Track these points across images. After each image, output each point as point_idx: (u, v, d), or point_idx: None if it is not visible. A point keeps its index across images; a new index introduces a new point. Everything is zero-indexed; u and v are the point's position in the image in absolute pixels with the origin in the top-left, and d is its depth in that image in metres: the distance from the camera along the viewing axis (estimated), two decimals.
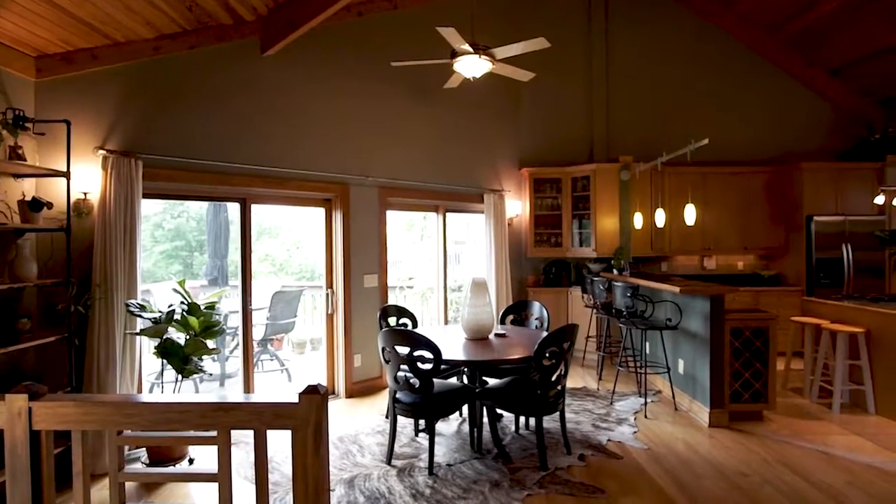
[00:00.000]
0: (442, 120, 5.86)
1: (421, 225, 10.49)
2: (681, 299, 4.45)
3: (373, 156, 5.17)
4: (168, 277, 7.90)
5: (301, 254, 9.91)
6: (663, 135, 6.57)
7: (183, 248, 8.45)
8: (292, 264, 9.95)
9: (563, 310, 6.40)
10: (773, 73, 6.97)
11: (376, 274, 5.20)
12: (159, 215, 7.94)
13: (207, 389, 5.38)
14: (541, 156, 6.79)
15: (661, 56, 6.94)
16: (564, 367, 3.37)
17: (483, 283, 3.87)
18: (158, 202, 7.70)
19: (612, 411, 4.45)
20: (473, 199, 6.18)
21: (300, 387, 1.80)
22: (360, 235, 5.07)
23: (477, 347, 3.61)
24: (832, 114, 7.04)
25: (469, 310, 3.81)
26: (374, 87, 5.19)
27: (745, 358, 4.17)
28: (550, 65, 6.72)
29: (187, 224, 8.74)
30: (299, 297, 5.91)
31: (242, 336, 4.36)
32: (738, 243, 6.66)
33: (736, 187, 6.60)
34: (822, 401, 4.64)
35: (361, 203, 5.08)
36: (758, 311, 4.34)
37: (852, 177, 6.38)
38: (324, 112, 4.80)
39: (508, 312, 4.63)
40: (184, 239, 8.48)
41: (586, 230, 6.53)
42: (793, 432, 3.94)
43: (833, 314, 4.80)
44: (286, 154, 4.51)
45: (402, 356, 3.23)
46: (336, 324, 4.98)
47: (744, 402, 4.17)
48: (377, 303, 5.17)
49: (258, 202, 4.47)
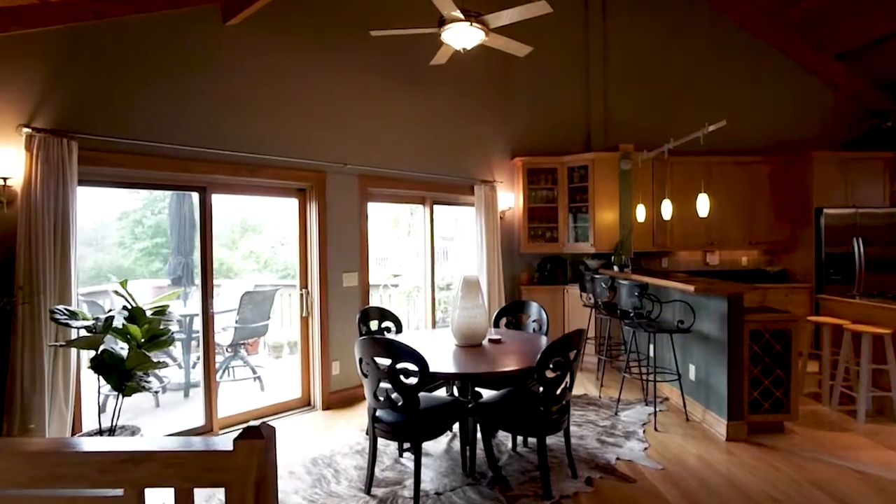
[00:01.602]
0: (429, 104, 5.38)
1: (408, 221, 10.09)
2: (693, 299, 4.04)
3: (352, 142, 4.67)
4: (148, 276, 7.55)
5: (287, 251, 9.48)
6: (664, 122, 6.16)
7: (164, 246, 8.09)
8: (277, 261, 9.52)
9: (559, 309, 5.97)
10: (779, 58, 6.59)
11: (356, 272, 4.71)
12: (139, 211, 7.61)
13: (170, 402, 4.86)
14: (535, 144, 6.34)
15: (662, 40, 6.52)
16: (570, 378, 2.93)
17: (475, 282, 3.41)
18: (139, 196, 7.31)
19: (617, 423, 4.02)
20: (463, 190, 5.72)
21: (274, 396, 1.29)
22: (338, 229, 4.57)
23: (469, 356, 3.15)
24: (840, 102, 6.69)
25: (460, 313, 3.35)
26: (355, 66, 4.69)
27: (764, 363, 3.77)
28: (545, 47, 6.26)
29: (169, 220, 8.55)
30: (273, 298, 5.40)
31: (203, 343, 3.85)
32: (744, 238, 6.29)
33: (741, 178, 6.22)
34: (843, 408, 4.27)
35: (340, 193, 4.59)
36: (778, 312, 3.94)
37: (863, 167, 6.03)
38: (296, 91, 4.29)
39: (503, 314, 4.19)
40: (165, 236, 8.11)
41: (584, 224, 6.10)
42: (819, 446, 3.55)
43: (854, 313, 4.42)
44: (253, 138, 3.99)
45: (382, 369, 2.77)
46: (312, 327, 4.49)
47: (763, 413, 3.77)
48: (357, 304, 4.69)
49: (221, 192, 3.96)
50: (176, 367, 5.34)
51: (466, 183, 5.73)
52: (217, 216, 9.56)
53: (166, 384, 5.03)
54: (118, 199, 7.34)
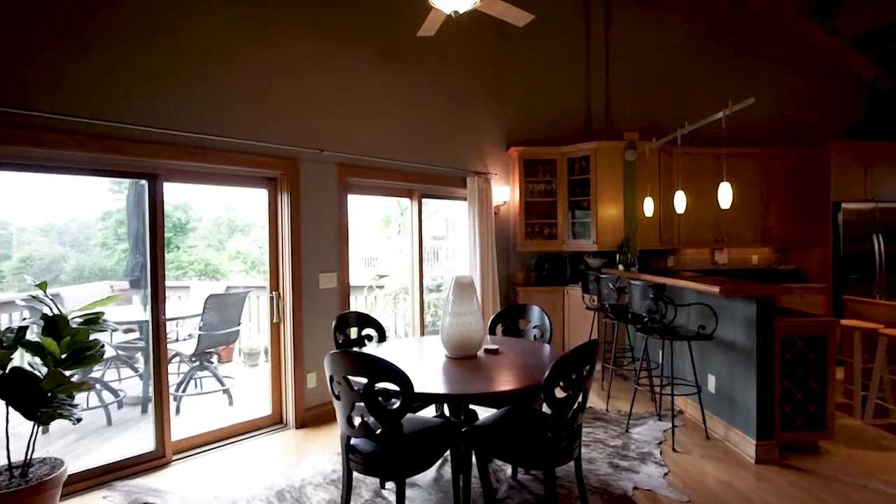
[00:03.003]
0: (417, 88, 4.88)
1: (398, 220, 9.65)
2: (714, 301, 3.58)
3: (331, 126, 4.17)
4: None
5: None
6: (670, 110, 5.72)
7: None
8: (265, 262, 9.11)
9: (558, 312, 5.50)
10: (792, 45, 6.18)
11: (335, 272, 4.20)
12: (122, 212, 7.17)
13: (127, 418, 4.31)
14: (532, 133, 5.86)
15: (668, 23, 6.08)
16: (583, 398, 2.45)
17: (469, 283, 2.92)
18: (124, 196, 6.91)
19: (629, 442, 3.55)
20: (454, 182, 5.22)
21: (243, 411, 0.81)
22: (314, 224, 4.06)
23: (462, 371, 2.66)
24: (857, 90, 6.29)
25: (451, 319, 2.86)
26: (335, 41, 4.18)
27: (796, 374, 3.32)
28: (543, 28, 5.79)
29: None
30: (243, 301, 4.87)
31: (152, 355, 3.32)
32: (755, 234, 5.87)
33: (753, 171, 5.80)
34: (878, 421, 3.84)
35: (316, 184, 4.08)
36: (811, 315, 3.50)
37: (882, 158, 5.62)
38: (265, 67, 3.77)
39: (499, 320, 3.70)
40: None
41: (585, 220, 5.64)
42: (863, 470, 3.10)
43: (886, 316, 4.00)
44: (214, 118, 3.47)
45: (356, 390, 2.27)
46: (283, 335, 3.97)
47: (796, 430, 3.32)
48: (336, 307, 4.18)
49: (175, 180, 3.43)
50: (138, 376, 4.81)
51: (458, 174, 5.23)
52: (204, 215, 8.89)
53: (122, 398, 4.49)
54: (102, 199, 6.97)
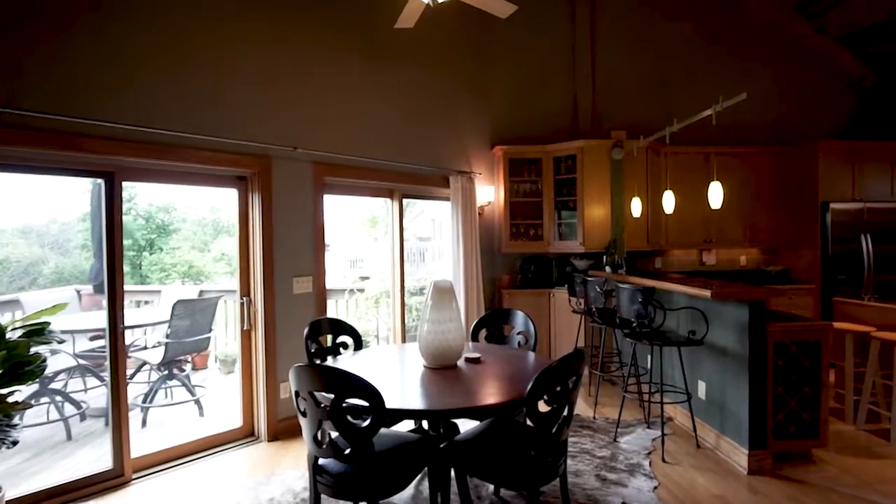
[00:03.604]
0: (398, 84, 4.70)
1: (386, 220, 9.49)
2: (704, 305, 3.45)
3: (305, 123, 3.97)
4: None
5: None
6: (657, 108, 5.62)
7: (130, 248, 7.73)
8: None
9: (544, 316, 5.35)
10: (781, 43, 6.11)
11: (310, 276, 4.00)
12: (103, 213, 6.95)
13: (90, 431, 4.07)
14: (517, 131, 5.71)
15: (654, 20, 5.97)
16: (569, 411, 2.29)
17: (448, 288, 2.75)
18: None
19: (618, 452, 3.41)
20: (437, 182, 5.05)
21: (214, 423, 0.63)
22: (288, 226, 3.86)
23: (440, 383, 2.49)
24: (845, 89, 6.24)
25: (430, 327, 2.69)
26: (310, 34, 3.99)
27: (790, 380, 3.20)
28: (529, 25, 5.66)
29: (135, 222, 8.12)
30: (215, 307, 4.64)
31: (110, 366, 3.09)
32: (744, 235, 5.78)
33: (742, 170, 5.70)
34: (870, 427, 3.74)
35: (289, 183, 3.87)
36: (804, 320, 3.38)
37: (871, 158, 5.57)
38: (235, 59, 3.56)
39: (482, 325, 3.53)
40: (130, 237, 7.77)
41: (571, 220, 5.50)
42: (858, 480, 2.99)
43: (878, 319, 3.90)
44: (177, 112, 3.25)
45: (323, 407, 2.08)
46: (255, 343, 3.76)
47: (789, 439, 3.20)
48: (312, 313, 3.98)
49: (134, 178, 3.22)
50: (103, 386, 4.56)
51: (441, 174, 5.06)
52: (188, 216, 8.64)
53: (85, 410, 4.25)
54: (82, 199, 6.76)
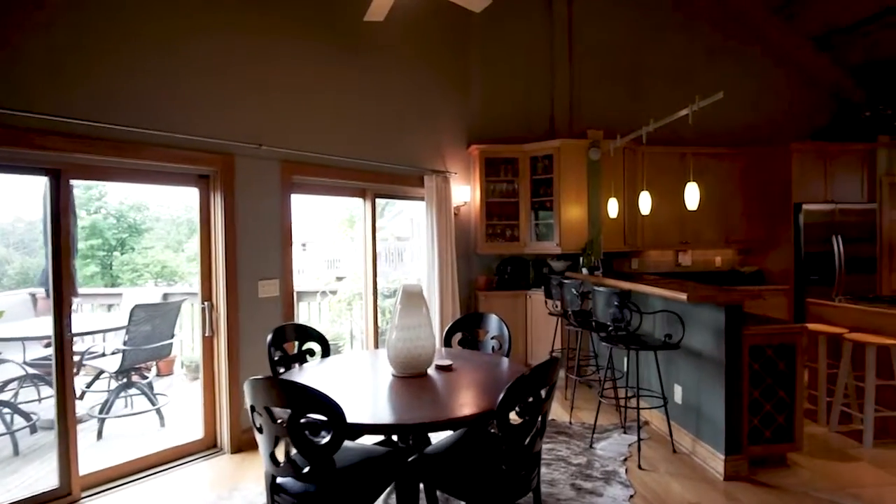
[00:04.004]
0: (372, 81, 4.55)
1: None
2: (681, 308, 3.40)
3: (272, 119, 3.80)
4: (83, 282, 6.82)
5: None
6: (634, 109, 5.58)
7: (100, 248, 7.45)
8: None
9: (520, 318, 5.27)
10: (755, 45, 6.15)
11: (277, 279, 3.83)
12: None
13: (40, 445, 3.82)
14: (494, 130, 5.62)
15: (631, 22, 5.94)
16: (542, 422, 2.19)
17: (418, 293, 2.62)
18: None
19: (594, 459, 3.33)
20: (411, 181, 4.92)
21: (175, 434, 0.47)
22: (253, 227, 3.68)
23: (409, 393, 2.36)
24: (817, 92, 6.30)
25: (398, 334, 2.56)
26: (277, 25, 3.82)
27: (766, 384, 3.16)
28: (506, 23, 5.58)
29: (105, 221, 7.82)
30: (178, 311, 4.43)
31: (56, 376, 2.89)
32: (719, 236, 5.79)
33: (717, 171, 5.71)
34: (842, 428, 3.75)
35: (254, 182, 3.70)
36: (780, 322, 3.35)
37: (841, 160, 5.63)
38: (195, 49, 3.37)
39: (456, 329, 3.41)
40: (101, 237, 7.46)
41: (548, 221, 5.43)
42: (833, 484, 2.97)
43: (850, 320, 3.91)
44: (131, 106, 3.06)
45: (280, 423, 1.94)
46: (217, 350, 3.58)
47: (765, 443, 3.16)
48: (279, 318, 3.81)
49: (84, 177, 3.01)
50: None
51: (415, 173, 4.93)
52: (161, 215, 8.31)
53: (35, 422, 4.00)
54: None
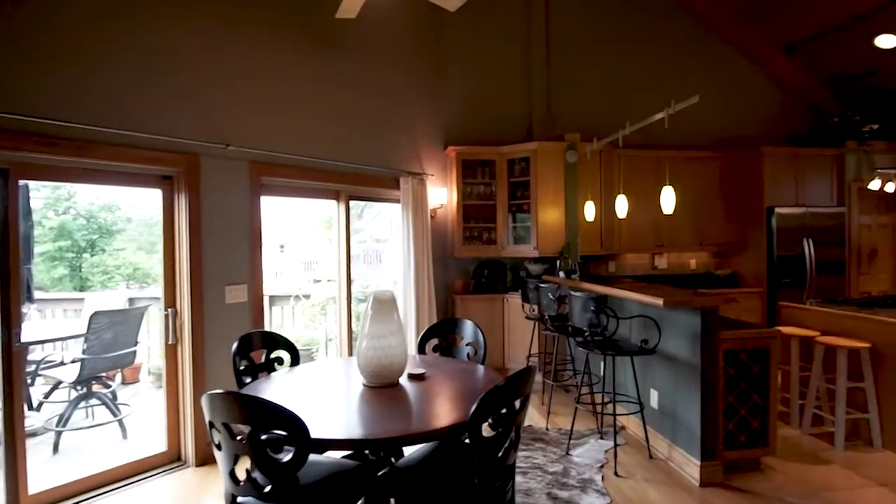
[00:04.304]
0: (346, 80, 4.44)
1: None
2: (656, 313, 3.38)
3: (240, 118, 3.66)
4: (50, 285, 6.67)
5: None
6: (611, 112, 5.54)
7: (69, 249, 7.27)
8: None
9: (498, 322, 5.22)
10: (727, 49, 6.22)
11: (245, 284, 3.69)
12: (39, 212, 6.66)
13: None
14: (471, 132, 5.56)
15: (609, 24, 5.95)
16: (516, 434, 2.12)
17: (389, 300, 2.53)
18: (39, 195, 6.28)
19: (570, 467, 3.28)
20: (386, 183, 4.82)
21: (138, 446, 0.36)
22: (219, 230, 3.54)
23: (379, 405, 2.27)
24: (788, 96, 6.41)
25: (369, 342, 2.46)
26: (246, 21, 3.68)
27: (740, 389, 3.16)
28: (483, 24, 5.53)
29: (75, 222, 7.64)
30: (141, 318, 4.25)
31: (3, 389, 2.71)
32: (694, 239, 5.83)
33: (693, 174, 5.75)
34: (814, 430, 3.78)
35: (221, 184, 3.56)
36: (754, 327, 3.36)
37: (812, 164, 5.73)
38: (160, 44, 3.22)
39: (430, 335, 3.32)
40: (70, 238, 7.29)
41: (525, 224, 5.39)
42: (807, 488, 2.97)
43: (822, 323, 3.95)
44: (89, 102, 2.89)
45: (240, 440, 1.83)
46: (181, 358, 3.43)
47: (739, 448, 3.16)
48: (247, 324, 3.68)
49: (36, 177, 2.84)
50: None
51: (390, 175, 4.84)
52: (133, 216, 8.02)
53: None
54: None
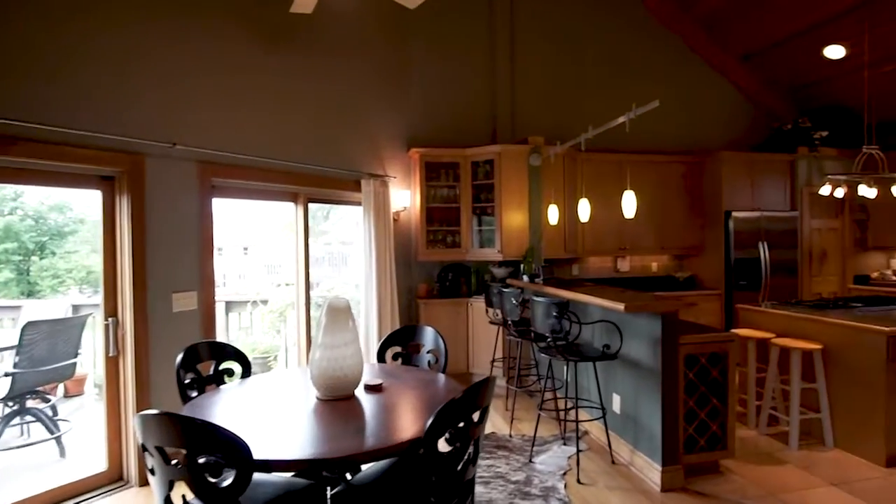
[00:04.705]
0: (303, 79, 4.29)
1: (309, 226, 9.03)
2: (617, 317, 3.37)
3: (188, 115, 3.47)
4: None
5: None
6: (575, 116, 5.55)
7: (16, 252, 6.70)
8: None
9: (462, 327, 5.14)
10: (691, 56, 6.34)
11: (195, 291, 3.50)
12: None
13: None
14: (435, 134, 5.48)
15: (573, 28, 5.98)
16: (474, 448, 2.04)
17: (344, 309, 2.41)
18: None
19: (533, 475, 3.23)
20: (347, 185, 4.69)
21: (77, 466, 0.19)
22: (166, 234, 3.34)
23: (331, 419, 2.15)
24: (745, 103, 6.58)
25: (322, 353, 2.34)
26: (194, 11, 3.50)
27: (700, 393, 3.18)
28: (447, 27, 5.47)
29: (22, 223, 7.01)
30: (82, 327, 3.98)
31: None
32: (656, 242, 5.91)
33: (654, 179, 5.83)
34: (770, 430, 3.85)
35: (168, 184, 3.36)
36: (712, 331, 3.39)
37: (767, 169, 5.90)
38: (97, 35, 3.01)
39: (390, 343, 3.21)
40: (17, 240, 6.70)
41: (490, 227, 5.34)
42: (764, 490, 3.00)
43: (777, 325, 4.04)
44: (20, 98, 2.67)
45: (175, 465, 1.68)
46: (124, 371, 3.21)
47: (699, 452, 3.17)
48: (197, 334, 3.48)
49: None
50: None
51: (351, 177, 4.71)
52: (86, 216, 7.64)
53: None
54: None
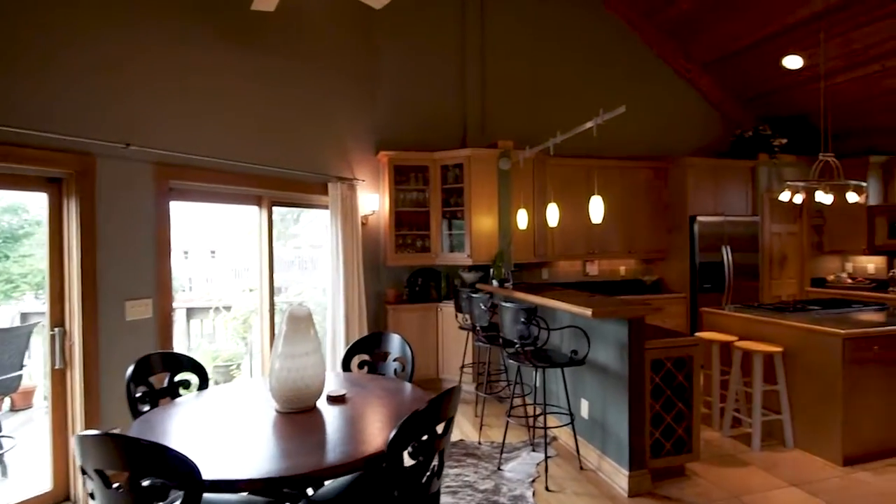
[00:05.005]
0: (267, 79, 4.17)
1: (279, 229, 8.81)
2: (585, 322, 3.37)
3: (143, 114, 3.32)
4: None
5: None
6: (545, 120, 5.59)
7: None
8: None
9: (431, 333, 5.09)
10: (657, 65, 6.46)
11: (150, 299, 3.34)
12: None
13: None
14: (404, 137, 5.41)
15: (543, 34, 6.01)
16: (439, 461, 1.98)
17: (305, 317, 2.33)
18: None
19: (501, 483, 3.19)
20: (314, 189, 4.58)
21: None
22: (118, 239, 3.18)
23: (291, 433, 2.06)
24: (712, 111, 6.73)
25: (282, 363, 2.24)
26: (153, 7, 3.35)
27: (666, 397, 3.20)
28: (417, 29, 5.42)
29: None
30: (27, 338, 3.75)
31: None
32: (623, 246, 5.98)
33: (621, 184, 5.90)
34: (734, 432, 3.92)
35: (121, 187, 3.20)
36: (678, 335, 3.42)
37: (729, 175, 6.05)
38: (45, 25, 2.84)
39: (355, 351, 3.13)
40: None
41: (459, 231, 5.30)
42: (727, 492, 3.04)
43: (740, 328, 4.12)
44: None
45: (117, 489, 1.57)
46: (71, 385, 3.04)
47: (666, 456, 3.19)
48: (152, 344, 3.32)
49: None
50: None
51: (318, 180, 4.60)
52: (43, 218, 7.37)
53: None
54: None
